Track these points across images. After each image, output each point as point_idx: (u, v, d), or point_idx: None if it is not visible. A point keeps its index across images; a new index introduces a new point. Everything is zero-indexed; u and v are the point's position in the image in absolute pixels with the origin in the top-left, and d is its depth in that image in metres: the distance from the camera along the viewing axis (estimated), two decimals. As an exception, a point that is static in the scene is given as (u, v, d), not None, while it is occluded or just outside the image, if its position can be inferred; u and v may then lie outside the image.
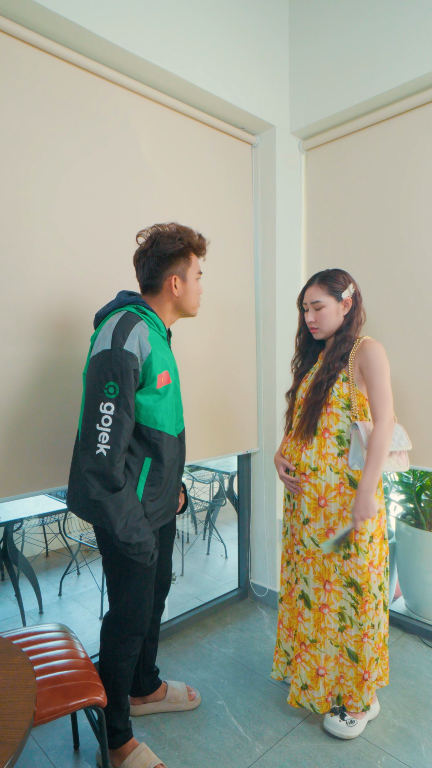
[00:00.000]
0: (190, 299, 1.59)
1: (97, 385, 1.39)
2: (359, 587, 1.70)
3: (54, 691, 1.30)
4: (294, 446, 1.83)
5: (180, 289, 1.56)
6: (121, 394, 1.37)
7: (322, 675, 1.76)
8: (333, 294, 1.75)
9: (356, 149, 2.40)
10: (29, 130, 1.74)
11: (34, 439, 1.77)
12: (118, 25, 1.83)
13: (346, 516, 1.71)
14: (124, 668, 1.58)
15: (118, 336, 1.39)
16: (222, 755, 1.67)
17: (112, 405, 1.37)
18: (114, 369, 1.37)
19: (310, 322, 1.79)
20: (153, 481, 1.50)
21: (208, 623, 2.51)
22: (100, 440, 1.36)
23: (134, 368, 1.39)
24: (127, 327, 1.41)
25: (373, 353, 1.69)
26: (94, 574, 3.34)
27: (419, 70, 2.05)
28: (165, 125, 2.16)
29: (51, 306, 1.80)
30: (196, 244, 1.56)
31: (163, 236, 1.51)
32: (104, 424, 1.37)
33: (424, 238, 2.17)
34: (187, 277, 1.57)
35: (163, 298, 1.57)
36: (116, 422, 1.37)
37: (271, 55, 2.45)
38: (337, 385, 1.73)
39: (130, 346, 1.39)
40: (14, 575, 2.73)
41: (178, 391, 1.63)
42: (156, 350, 1.46)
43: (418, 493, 2.61)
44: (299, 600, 1.81)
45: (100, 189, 1.93)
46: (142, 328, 1.43)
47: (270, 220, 2.55)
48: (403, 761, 1.64)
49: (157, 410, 1.49)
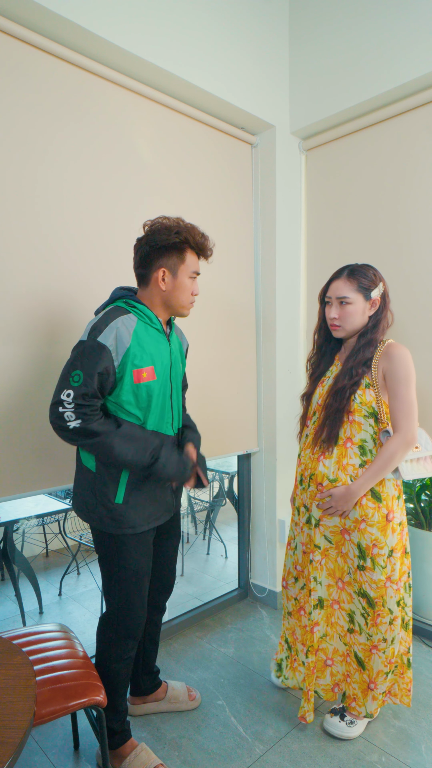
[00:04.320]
0: (179, 297, 1.53)
1: (67, 371, 1.42)
2: (371, 600, 1.63)
3: (54, 691, 1.30)
4: (310, 455, 1.72)
5: (168, 284, 1.51)
6: (83, 384, 1.39)
7: (330, 665, 1.76)
8: (361, 291, 1.63)
9: (356, 149, 2.40)
10: (30, 131, 1.73)
11: (33, 439, 1.77)
12: (118, 25, 1.83)
13: (363, 528, 1.62)
14: (118, 670, 1.57)
15: (96, 328, 1.41)
16: (222, 755, 1.67)
17: (71, 392, 1.39)
18: (83, 359, 1.40)
19: (333, 318, 1.66)
20: (136, 478, 1.50)
21: (208, 623, 2.51)
22: (68, 419, 1.39)
23: (106, 360, 1.40)
24: (107, 320, 1.42)
25: (398, 359, 1.58)
26: (94, 574, 3.34)
27: (419, 70, 2.05)
28: (165, 125, 2.16)
29: (51, 305, 1.80)
30: (194, 241, 1.51)
31: (161, 227, 1.49)
32: (67, 406, 1.39)
33: (424, 238, 2.17)
34: (177, 273, 1.51)
35: (152, 292, 1.54)
36: (75, 403, 1.39)
37: (271, 55, 2.45)
38: (360, 391, 1.61)
39: (104, 339, 1.40)
40: (14, 575, 2.73)
41: (175, 389, 1.60)
42: (139, 344, 1.45)
43: (418, 493, 2.61)
44: (315, 609, 1.73)
45: (100, 189, 1.93)
46: (124, 322, 1.44)
47: (270, 220, 2.55)
48: (403, 761, 1.64)
49: (138, 406, 1.49)
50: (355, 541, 1.64)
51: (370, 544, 1.62)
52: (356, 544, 1.64)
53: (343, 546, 1.69)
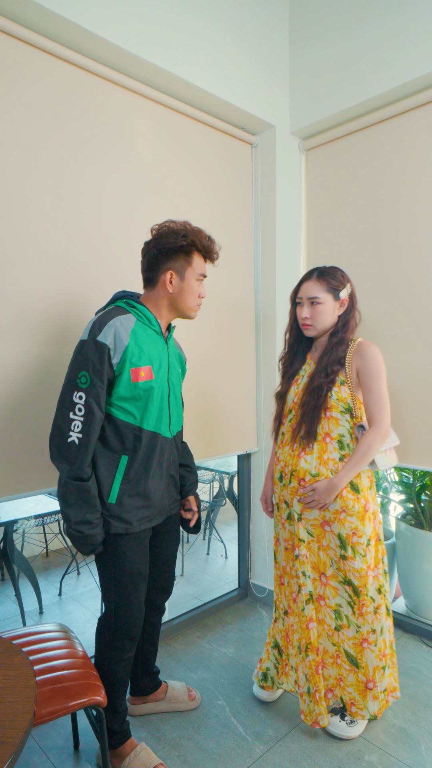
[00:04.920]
0: (186, 299, 1.56)
1: (71, 373, 1.44)
2: (356, 589, 1.68)
3: (54, 691, 1.30)
4: (290, 452, 1.77)
5: (175, 287, 1.54)
6: (91, 385, 1.41)
7: (323, 666, 1.75)
8: (331, 291, 1.71)
9: (356, 149, 2.40)
10: (30, 131, 1.73)
11: (33, 439, 1.77)
12: (118, 25, 1.83)
13: (343, 518, 1.68)
14: (117, 671, 1.57)
15: (95, 327, 1.43)
16: (222, 755, 1.67)
17: (83, 395, 1.41)
18: (86, 359, 1.42)
19: (305, 318, 1.73)
20: (129, 479, 1.50)
21: (208, 623, 2.51)
22: (72, 428, 1.41)
23: (106, 359, 1.42)
24: (106, 319, 1.45)
25: (371, 357, 1.68)
26: (94, 574, 3.34)
27: (419, 70, 2.05)
28: (165, 125, 2.16)
29: (51, 305, 1.80)
30: (201, 244, 1.53)
31: (168, 230, 1.51)
32: (77, 412, 1.41)
33: (425, 238, 2.17)
34: (185, 275, 1.53)
35: (158, 294, 1.56)
36: (88, 411, 1.41)
37: (271, 55, 2.45)
38: (336, 388, 1.69)
39: (103, 337, 1.42)
40: (14, 575, 2.73)
41: (173, 390, 1.61)
42: (137, 343, 1.47)
43: (418, 493, 2.61)
44: (308, 604, 1.74)
45: (100, 188, 1.93)
46: (122, 321, 1.46)
47: (270, 220, 2.55)
48: (403, 761, 1.64)
49: (135, 405, 1.49)
50: (336, 531, 1.69)
51: (350, 533, 1.67)
52: (336, 534, 1.69)
53: (323, 539, 1.73)
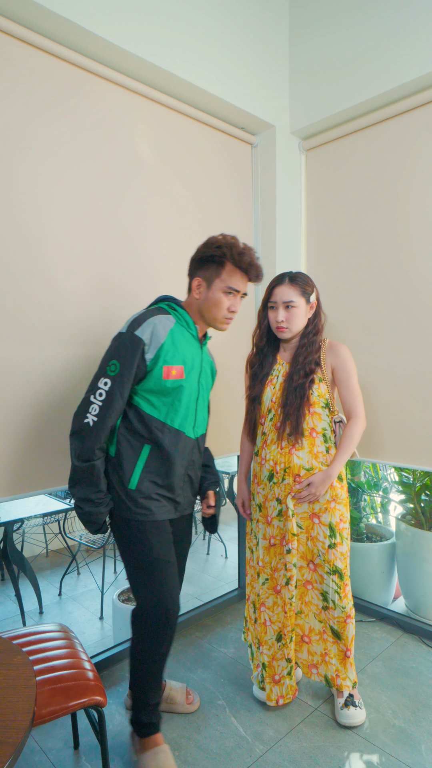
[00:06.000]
0: (211, 310, 1.58)
1: (103, 361, 1.51)
2: (341, 573, 1.79)
3: (54, 691, 1.30)
4: (278, 450, 1.82)
5: (202, 295, 1.58)
6: (119, 374, 1.46)
7: (307, 642, 1.88)
8: (303, 295, 1.78)
9: (356, 149, 2.40)
10: (31, 131, 1.74)
11: (34, 439, 1.77)
12: (118, 24, 1.83)
13: (333, 507, 1.78)
14: (151, 665, 1.56)
15: (135, 323, 1.50)
16: (222, 755, 1.67)
17: (109, 381, 1.46)
18: (120, 349, 1.47)
19: (281, 321, 1.79)
20: (150, 468, 1.55)
21: (208, 623, 2.51)
22: (90, 410, 1.47)
23: (140, 352, 1.47)
24: (147, 316, 1.51)
25: (345, 355, 1.82)
26: (94, 574, 3.34)
27: (419, 70, 2.05)
28: (165, 125, 2.16)
29: (53, 306, 1.80)
30: (232, 255, 1.52)
31: (208, 240, 1.58)
32: (98, 397, 1.47)
33: (424, 238, 2.17)
34: (212, 285, 1.56)
35: (191, 300, 1.62)
36: (108, 398, 1.46)
37: (271, 55, 2.45)
38: (315, 385, 1.80)
39: (141, 332, 1.47)
40: (14, 575, 2.73)
41: (202, 394, 1.65)
42: (173, 343, 1.52)
43: (418, 493, 2.61)
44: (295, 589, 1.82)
45: (99, 188, 1.93)
46: (162, 320, 1.52)
47: (270, 220, 2.55)
48: (403, 761, 1.64)
49: (162, 401, 1.54)
50: (326, 521, 1.79)
51: (338, 520, 1.80)
52: (327, 524, 1.79)
53: (311, 530, 1.81)
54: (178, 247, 2.21)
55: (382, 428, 2.31)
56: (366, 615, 2.54)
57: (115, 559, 3.56)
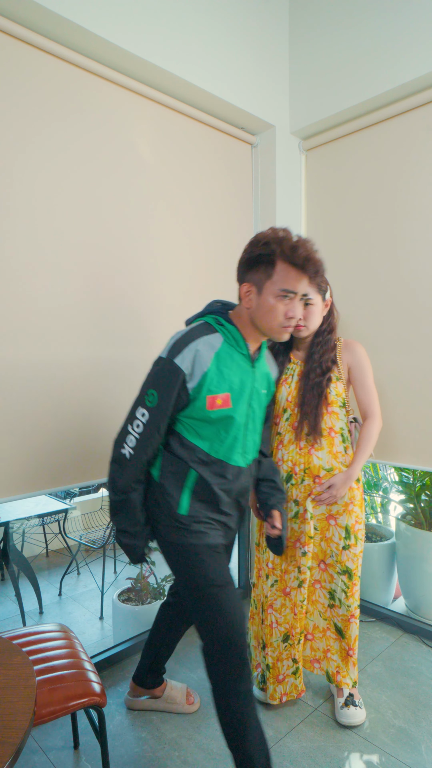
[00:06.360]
0: (264, 318, 1.35)
1: (143, 388, 1.39)
2: (351, 573, 1.78)
3: (54, 691, 1.30)
4: (297, 450, 1.78)
5: (252, 303, 1.36)
6: (156, 406, 1.35)
7: (310, 640, 1.89)
8: (320, 293, 1.75)
9: (356, 149, 2.40)
10: (31, 131, 1.74)
11: (34, 439, 1.77)
12: (118, 25, 1.83)
13: (351, 509, 1.77)
14: (236, 707, 1.35)
15: (175, 348, 1.35)
16: (222, 755, 1.67)
17: (146, 413, 1.36)
18: (159, 378, 1.35)
19: (299, 319, 1.74)
20: (199, 496, 1.43)
21: (208, 623, 2.50)
22: (127, 441, 1.38)
23: (180, 383, 1.33)
24: (188, 339, 1.35)
25: (362, 354, 1.80)
26: (94, 574, 3.34)
27: (419, 70, 2.05)
28: (165, 125, 2.16)
29: (53, 306, 1.80)
30: (283, 251, 1.29)
31: (254, 238, 1.36)
32: (135, 428, 1.38)
33: (424, 238, 2.17)
34: (262, 290, 1.34)
35: (241, 310, 1.41)
36: (145, 432, 1.37)
37: (271, 55, 2.45)
38: (333, 384, 1.77)
39: (181, 360, 1.33)
40: (14, 575, 2.73)
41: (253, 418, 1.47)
42: (218, 369, 1.36)
43: (418, 493, 2.61)
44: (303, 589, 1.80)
45: (98, 188, 1.93)
46: (206, 343, 1.35)
47: (270, 220, 2.55)
48: (403, 761, 1.64)
49: (207, 430, 1.41)
50: (343, 523, 1.78)
51: (354, 522, 1.79)
52: (344, 526, 1.78)
53: (327, 531, 1.81)
54: (178, 247, 2.21)
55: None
56: (366, 615, 2.54)
57: (115, 559, 3.56)
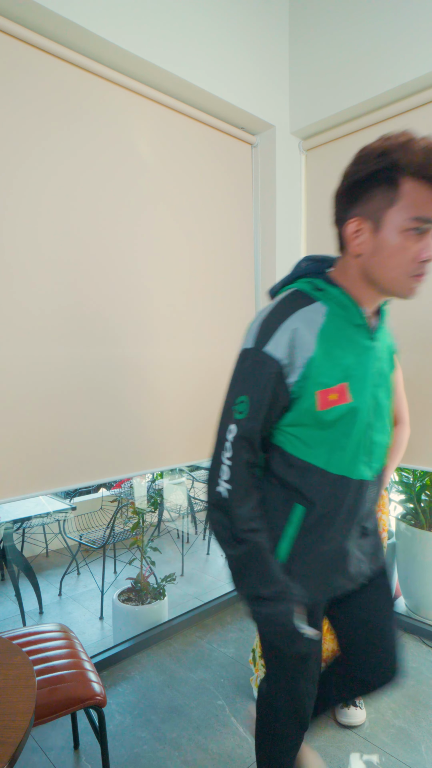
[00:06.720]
0: (387, 265, 0.95)
1: (229, 396, 1.03)
2: None
3: (54, 691, 1.30)
4: None
5: (367, 246, 0.96)
6: (248, 417, 0.99)
7: None
8: None
9: (356, 149, 2.40)
10: (31, 131, 1.74)
11: (34, 439, 1.77)
12: (118, 25, 1.83)
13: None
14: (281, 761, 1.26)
15: (263, 332, 0.99)
16: (222, 755, 1.67)
17: (235, 428, 1.01)
18: (248, 379, 1.00)
19: None
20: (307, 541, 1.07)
21: (208, 623, 2.51)
22: (221, 474, 1.02)
23: (276, 380, 0.98)
24: (280, 317, 0.99)
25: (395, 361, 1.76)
26: (94, 574, 3.34)
27: (419, 70, 2.05)
28: (165, 125, 2.16)
29: (53, 305, 1.80)
30: (410, 161, 0.89)
31: (362, 152, 0.95)
32: (225, 455, 1.02)
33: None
34: (383, 223, 0.93)
35: (347, 262, 1.02)
36: (236, 456, 1.01)
37: (271, 55, 2.45)
38: None
39: (274, 347, 0.97)
40: (14, 575, 2.73)
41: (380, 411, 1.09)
42: (328, 352, 0.99)
43: (418, 493, 2.61)
44: None
45: (98, 187, 1.93)
46: (306, 318, 0.99)
47: (270, 220, 2.55)
48: (403, 761, 1.64)
49: (319, 437, 1.04)
50: None
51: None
52: None
53: None
54: (177, 247, 2.21)
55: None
56: (366, 615, 2.54)
57: (114, 559, 3.56)
